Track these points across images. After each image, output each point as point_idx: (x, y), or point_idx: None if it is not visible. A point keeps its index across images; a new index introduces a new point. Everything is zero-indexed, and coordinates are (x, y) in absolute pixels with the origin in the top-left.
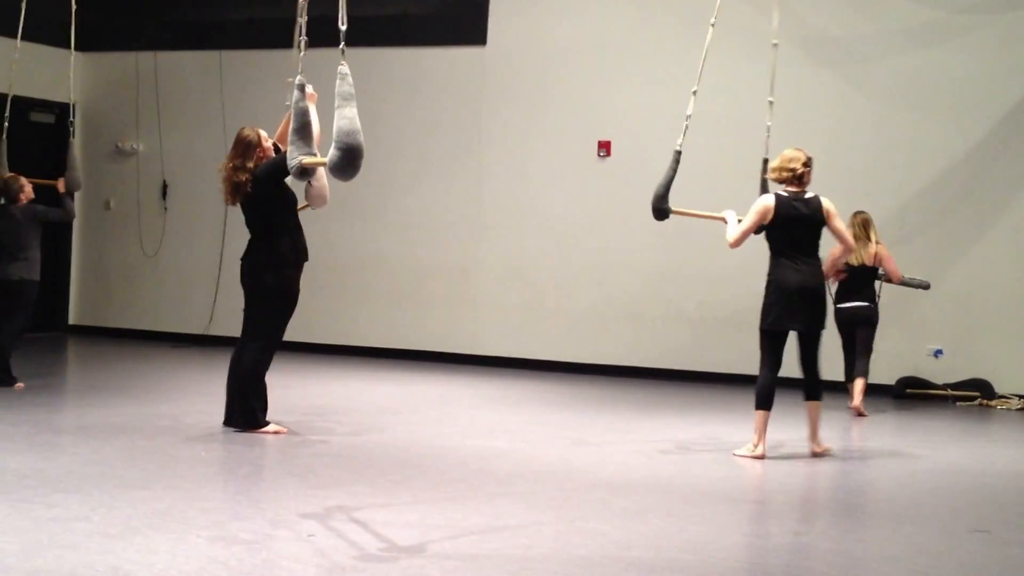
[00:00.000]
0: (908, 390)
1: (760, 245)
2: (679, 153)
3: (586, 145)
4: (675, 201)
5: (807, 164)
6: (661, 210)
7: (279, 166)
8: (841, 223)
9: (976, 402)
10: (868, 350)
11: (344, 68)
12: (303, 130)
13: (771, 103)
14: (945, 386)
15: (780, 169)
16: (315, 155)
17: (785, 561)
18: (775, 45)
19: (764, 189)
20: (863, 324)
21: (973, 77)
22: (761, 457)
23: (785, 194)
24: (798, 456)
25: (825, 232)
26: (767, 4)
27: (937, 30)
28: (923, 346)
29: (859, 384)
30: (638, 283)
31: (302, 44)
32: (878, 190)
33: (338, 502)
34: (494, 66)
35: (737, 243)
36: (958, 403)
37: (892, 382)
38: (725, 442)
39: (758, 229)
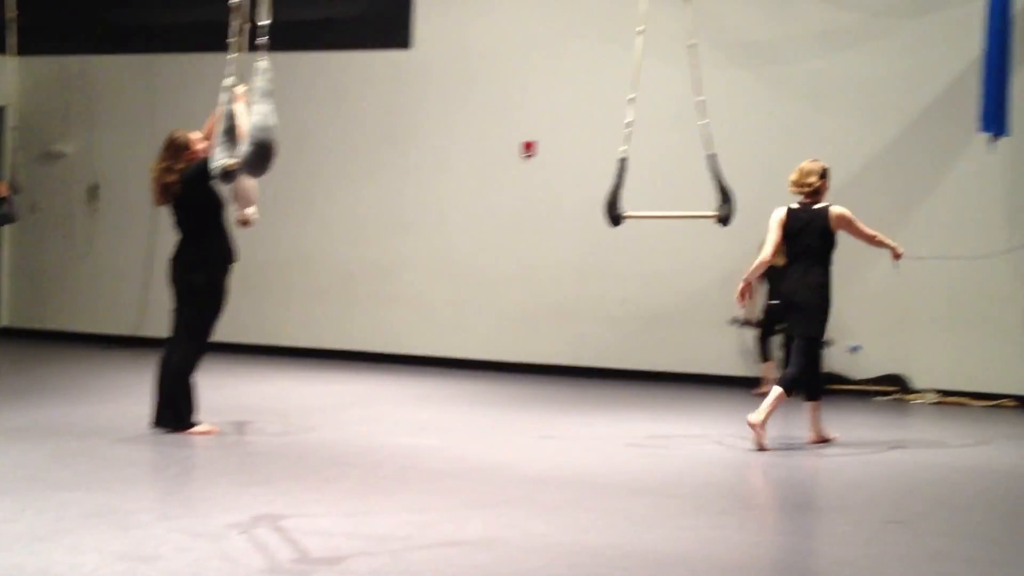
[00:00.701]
0: (827, 385)
1: (683, 245)
2: (624, 160)
3: (510, 145)
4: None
5: (822, 176)
6: (614, 217)
7: (206, 167)
8: (860, 226)
9: (893, 396)
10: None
11: (263, 64)
12: (229, 133)
13: (702, 102)
14: (863, 381)
15: (794, 183)
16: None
17: (707, 554)
18: (693, 45)
19: (719, 185)
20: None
21: (886, 79)
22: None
23: (796, 205)
24: (723, 451)
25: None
26: (683, 8)
27: (851, 34)
28: (842, 342)
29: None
30: (564, 282)
31: (239, 46)
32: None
33: (268, 500)
34: (419, 68)
35: (772, 256)
36: (876, 397)
37: None
38: (650, 437)
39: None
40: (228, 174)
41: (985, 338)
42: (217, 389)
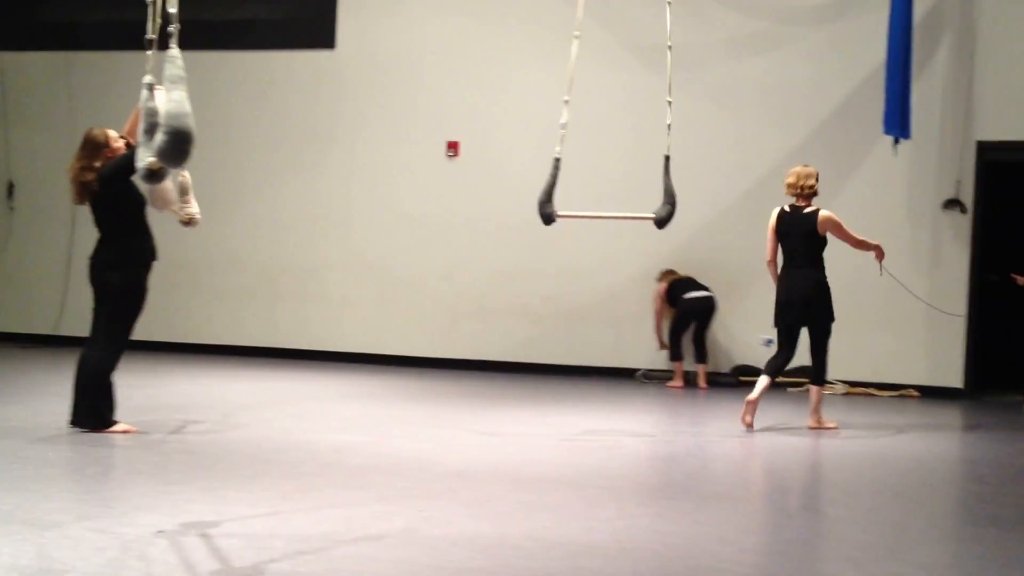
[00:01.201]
0: (742, 377)
1: (601, 243)
2: (558, 160)
3: (435, 145)
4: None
5: (817, 180)
6: (546, 215)
7: (125, 165)
8: (847, 230)
9: (805, 388)
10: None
11: (174, 51)
12: (152, 131)
13: (669, 103)
14: None
15: (792, 186)
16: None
17: (624, 543)
18: (669, 47)
19: (667, 184)
20: (707, 313)
21: (793, 84)
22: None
23: (787, 208)
24: (640, 443)
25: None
26: (609, 14)
27: (760, 40)
28: (755, 336)
29: (701, 369)
30: (486, 279)
31: (154, 44)
32: (704, 189)
33: (189, 498)
34: (343, 69)
35: (770, 255)
36: (788, 389)
37: (728, 370)
38: (570, 431)
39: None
40: (153, 173)
41: (889, 332)
42: (141, 388)
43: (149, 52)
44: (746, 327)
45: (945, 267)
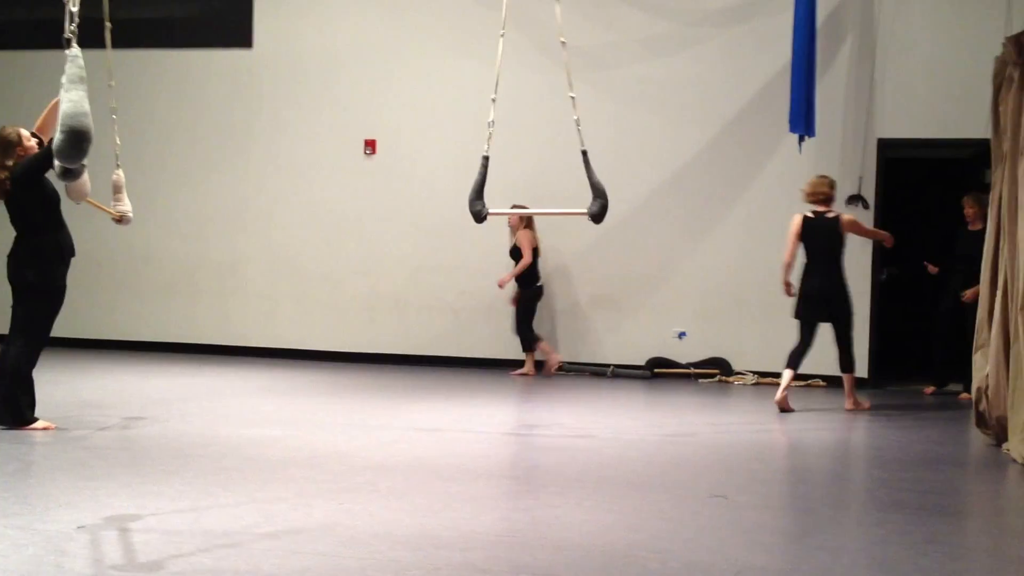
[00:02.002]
0: (656, 370)
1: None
2: (486, 158)
3: (352, 143)
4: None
5: (831, 187)
6: (477, 213)
7: (38, 161)
8: (865, 227)
9: (716, 379)
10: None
11: (74, 51)
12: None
13: (573, 98)
14: (688, 365)
15: (810, 195)
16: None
17: (542, 532)
18: (563, 43)
19: (591, 181)
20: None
21: (704, 83)
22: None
23: (811, 214)
24: (554, 435)
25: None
26: (518, 14)
27: (670, 41)
28: (668, 329)
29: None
30: (403, 274)
31: (72, 42)
32: (620, 186)
33: (109, 494)
34: (260, 68)
35: (789, 258)
36: (700, 380)
37: (642, 363)
38: (485, 422)
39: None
40: (68, 172)
41: (796, 324)
42: (59, 384)
43: (67, 51)
44: (660, 321)
45: (849, 260)
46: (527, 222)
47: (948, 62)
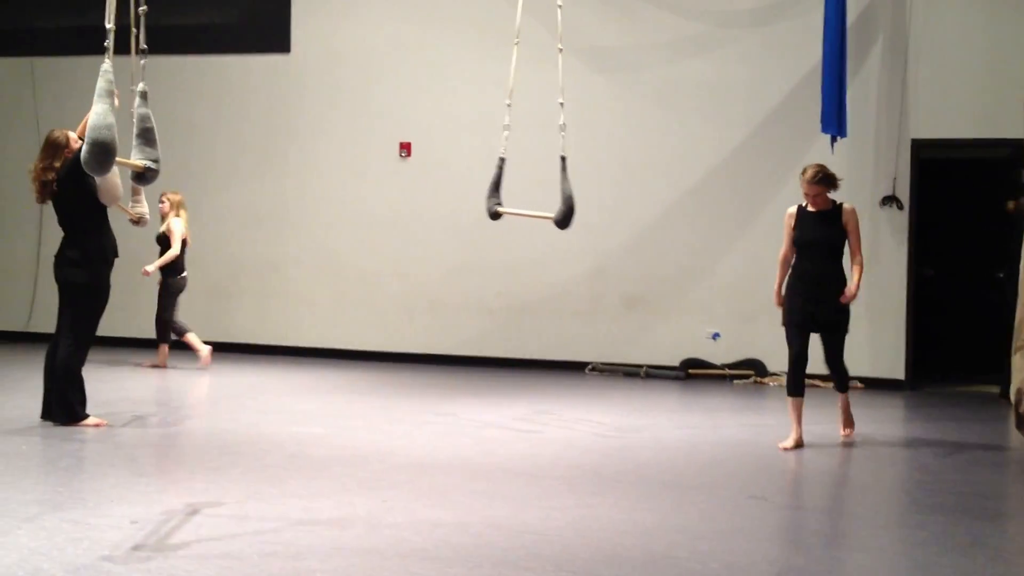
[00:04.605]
0: (690, 371)
1: (553, 240)
2: (503, 160)
3: (388, 146)
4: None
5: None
6: (491, 211)
7: (74, 164)
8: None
9: (751, 380)
10: None
11: (105, 65)
12: (144, 135)
13: (562, 104)
14: (723, 366)
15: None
16: (157, 159)
17: (581, 531)
18: (560, 50)
19: (564, 184)
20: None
21: (732, 85)
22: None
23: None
24: (591, 434)
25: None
26: (550, 18)
27: (698, 42)
28: (702, 330)
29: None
30: (439, 275)
31: (143, 51)
32: (652, 186)
33: (159, 489)
34: (298, 72)
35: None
36: (735, 381)
37: (676, 363)
38: (525, 422)
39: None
40: (140, 176)
41: None
42: (108, 382)
43: (143, 61)
44: (693, 321)
45: (884, 263)
46: (178, 210)
47: (982, 61)
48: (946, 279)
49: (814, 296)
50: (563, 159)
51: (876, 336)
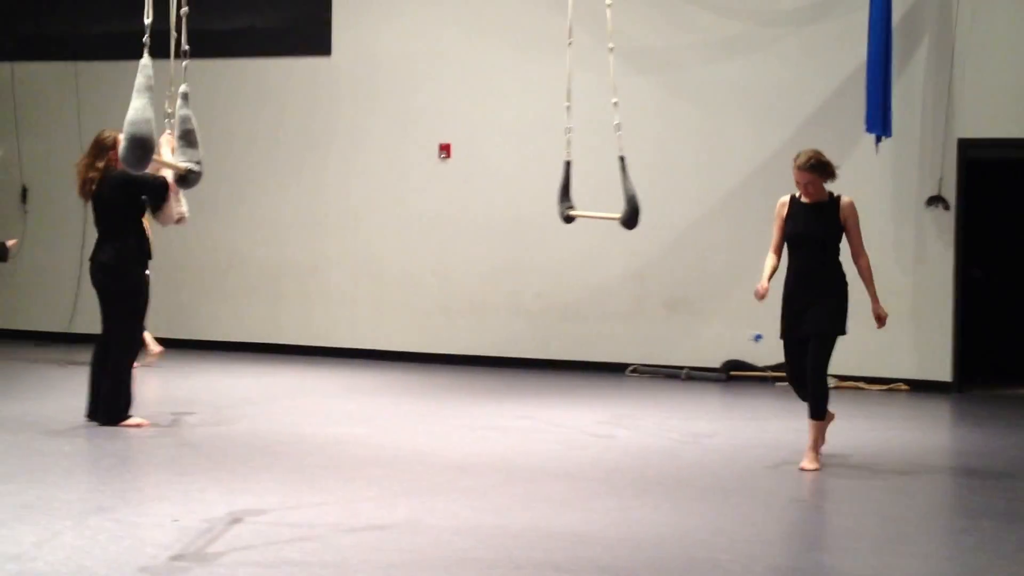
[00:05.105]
0: (732, 372)
1: (593, 241)
2: (568, 163)
3: (426, 147)
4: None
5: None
6: (564, 215)
7: (131, 182)
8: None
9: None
10: None
11: (144, 60)
12: (186, 136)
13: (615, 104)
14: (765, 368)
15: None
16: (199, 161)
17: (622, 533)
18: (611, 49)
19: (627, 184)
20: None
21: (775, 85)
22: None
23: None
24: (632, 435)
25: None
26: (590, 19)
27: (742, 42)
28: (743, 331)
29: None
30: (479, 276)
31: (184, 53)
32: (694, 187)
33: (200, 489)
34: (339, 75)
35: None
36: (777, 383)
37: (717, 365)
38: (564, 424)
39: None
40: (183, 178)
41: (874, 326)
42: (150, 383)
43: (184, 63)
44: (735, 323)
45: (930, 264)
46: None
47: None
48: (995, 280)
49: (803, 298)
50: (622, 159)
51: (922, 338)
